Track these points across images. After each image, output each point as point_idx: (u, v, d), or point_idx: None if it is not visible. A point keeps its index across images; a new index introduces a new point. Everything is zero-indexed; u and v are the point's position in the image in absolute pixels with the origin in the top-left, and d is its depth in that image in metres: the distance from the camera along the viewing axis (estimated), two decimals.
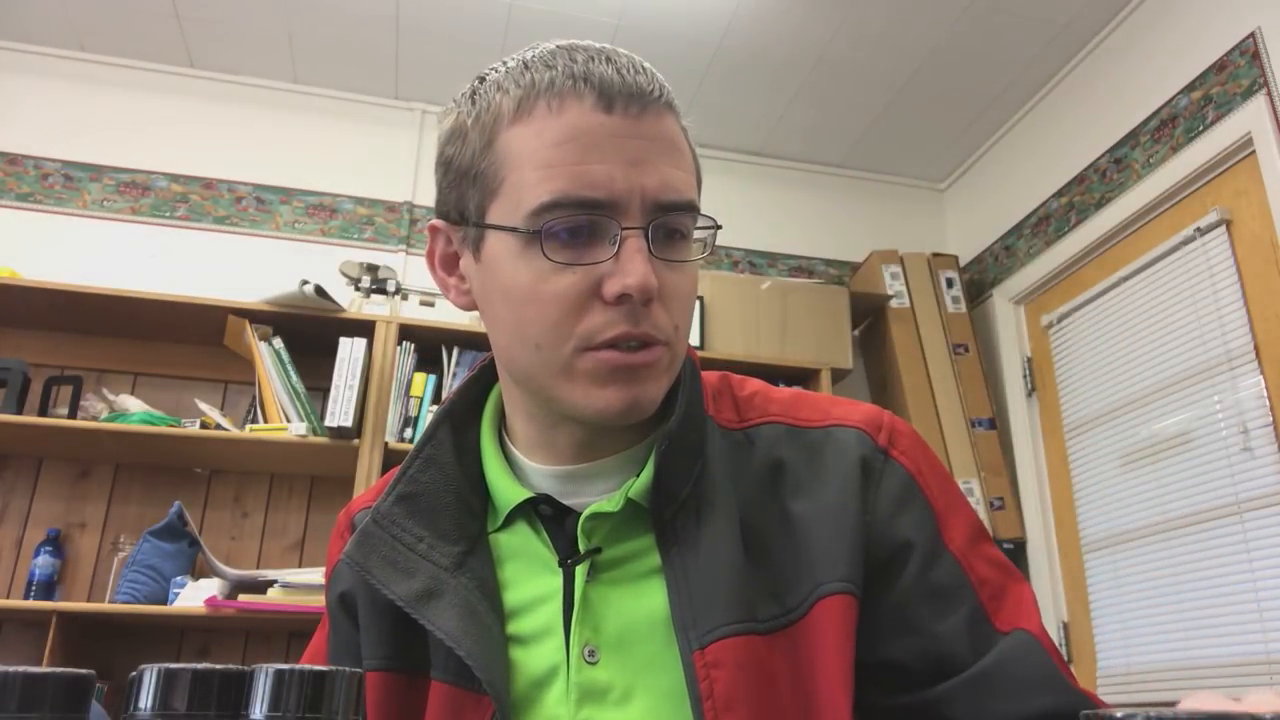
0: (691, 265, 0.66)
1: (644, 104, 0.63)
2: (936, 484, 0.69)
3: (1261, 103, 2.24)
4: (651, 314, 0.62)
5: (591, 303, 0.61)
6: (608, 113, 0.62)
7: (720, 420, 0.72)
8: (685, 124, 0.68)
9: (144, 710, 0.30)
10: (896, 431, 0.70)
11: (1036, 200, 3.05)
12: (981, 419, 3.00)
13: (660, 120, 0.64)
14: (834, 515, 0.65)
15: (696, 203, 0.65)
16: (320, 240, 3.00)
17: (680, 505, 0.66)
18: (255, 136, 3.07)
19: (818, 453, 0.69)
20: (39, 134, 2.90)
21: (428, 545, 0.67)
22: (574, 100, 0.62)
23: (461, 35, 2.89)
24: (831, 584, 0.63)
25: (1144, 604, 2.48)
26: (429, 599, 0.64)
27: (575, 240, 0.61)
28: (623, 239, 0.61)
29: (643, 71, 0.64)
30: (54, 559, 2.41)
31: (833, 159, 3.49)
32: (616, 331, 0.61)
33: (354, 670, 0.32)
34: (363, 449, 2.41)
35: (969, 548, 0.67)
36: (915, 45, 2.89)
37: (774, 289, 2.94)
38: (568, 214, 0.60)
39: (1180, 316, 2.45)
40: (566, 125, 0.61)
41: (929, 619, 0.63)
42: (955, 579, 0.65)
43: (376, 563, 0.66)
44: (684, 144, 0.66)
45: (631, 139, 0.62)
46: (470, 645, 0.62)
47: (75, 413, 2.43)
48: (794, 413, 0.72)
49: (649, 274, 0.60)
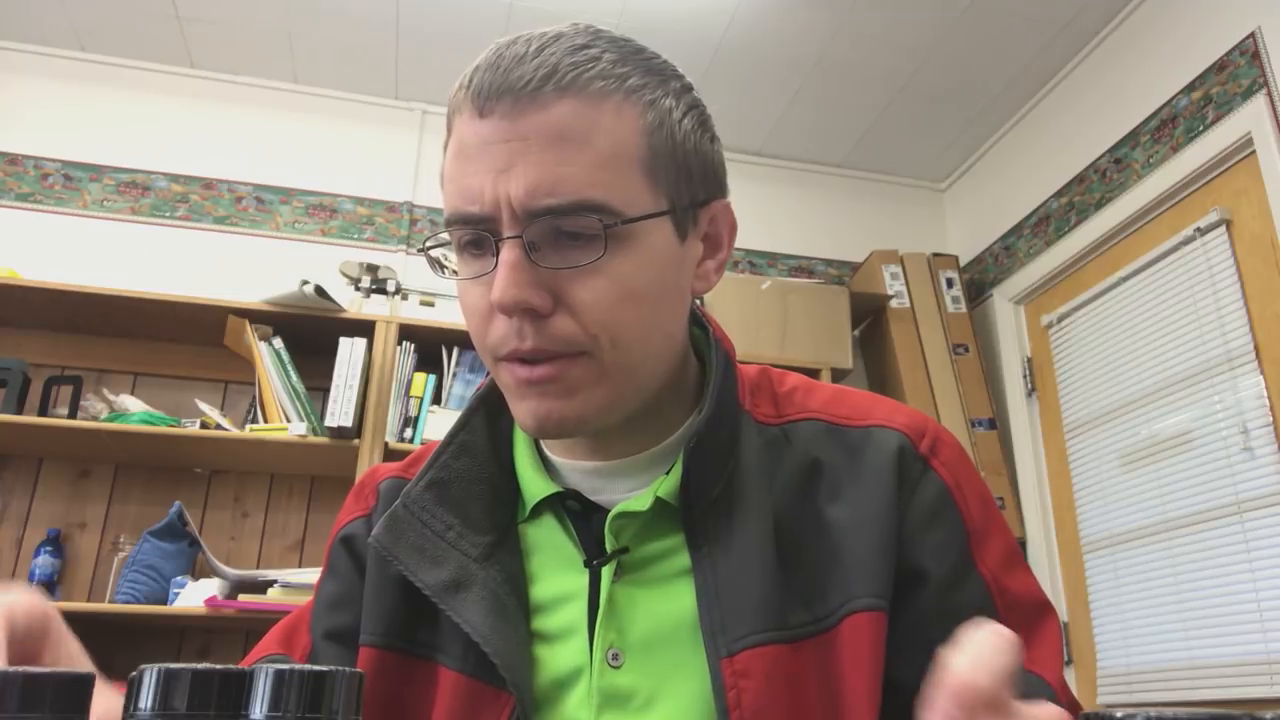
0: (612, 265, 0.59)
1: (517, 99, 0.58)
2: (975, 501, 0.66)
3: (1261, 103, 2.24)
4: (549, 325, 0.59)
5: (495, 316, 0.60)
6: (482, 118, 0.59)
7: (757, 416, 0.69)
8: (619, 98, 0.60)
9: (144, 710, 0.30)
10: (940, 441, 0.67)
11: (1036, 200, 3.05)
12: (981, 419, 3.00)
13: (543, 112, 0.58)
14: (869, 524, 0.63)
15: (589, 200, 0.57)
16: (320, 240, 3.00)
17: (711, 504, 0.64)
18: (255, 136, 3.07)
19: (857, 454, 0.66)
20: (39, 134, 2.90)
21: (456, 534, 0.66)
22: (461, 113, 0.61)
23: (461, 35, 2.89)
24: (863, 599, 0.61)
25: (1144, 604, 2.48)
26: (457, 590, 0.63)
27: (478, 254, 0.61)
28: (498, 250, 0.59)
29: (534, 57, 0.59)
30: (54, 559, 2.41)
31: (833, 159, 3.49)
32: (508, 348, 0.60)
33: (354, 670, 0.32)
34: (363, 449, 2.41)
35: (1001, 572, 0.64)
36: (915, 45, 2.89)
37: (774, 289, 2.94)
38: (457, 230, 0.61)
39: (1180, 316, 2.45)
40: (456, 139, 0.62)
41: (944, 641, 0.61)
42: (981, 603, 0.62)
43: (405, 549, 0.65)
44: (586, 130, 0.58)
45: (500, 143, 0.58)
46: (498, 643, 0.61)
47: (75, 413, 2.44)
48: (834, 410, 0.69)
49: (508, 287, 0.57)
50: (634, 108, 0.61)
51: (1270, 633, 2.12)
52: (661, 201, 0.62)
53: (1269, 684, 2.10)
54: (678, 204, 0.63)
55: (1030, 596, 0.64)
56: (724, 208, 0.68)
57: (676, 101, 0.64)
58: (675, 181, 0.63)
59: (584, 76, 0.59)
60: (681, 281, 0.65)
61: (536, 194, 0.57)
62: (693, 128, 0.65)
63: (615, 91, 0.60)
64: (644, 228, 0.60)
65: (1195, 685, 2.29)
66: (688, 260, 0.66)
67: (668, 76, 0.65)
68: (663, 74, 0.64)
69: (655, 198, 0.61)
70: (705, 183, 0.66)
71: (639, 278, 0.60)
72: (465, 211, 0.60)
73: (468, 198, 0.59)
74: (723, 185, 0.68)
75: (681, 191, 0.63)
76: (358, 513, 0.74)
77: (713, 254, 0.69)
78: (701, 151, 0.65)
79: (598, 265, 0.59)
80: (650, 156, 0.61)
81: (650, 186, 0.61)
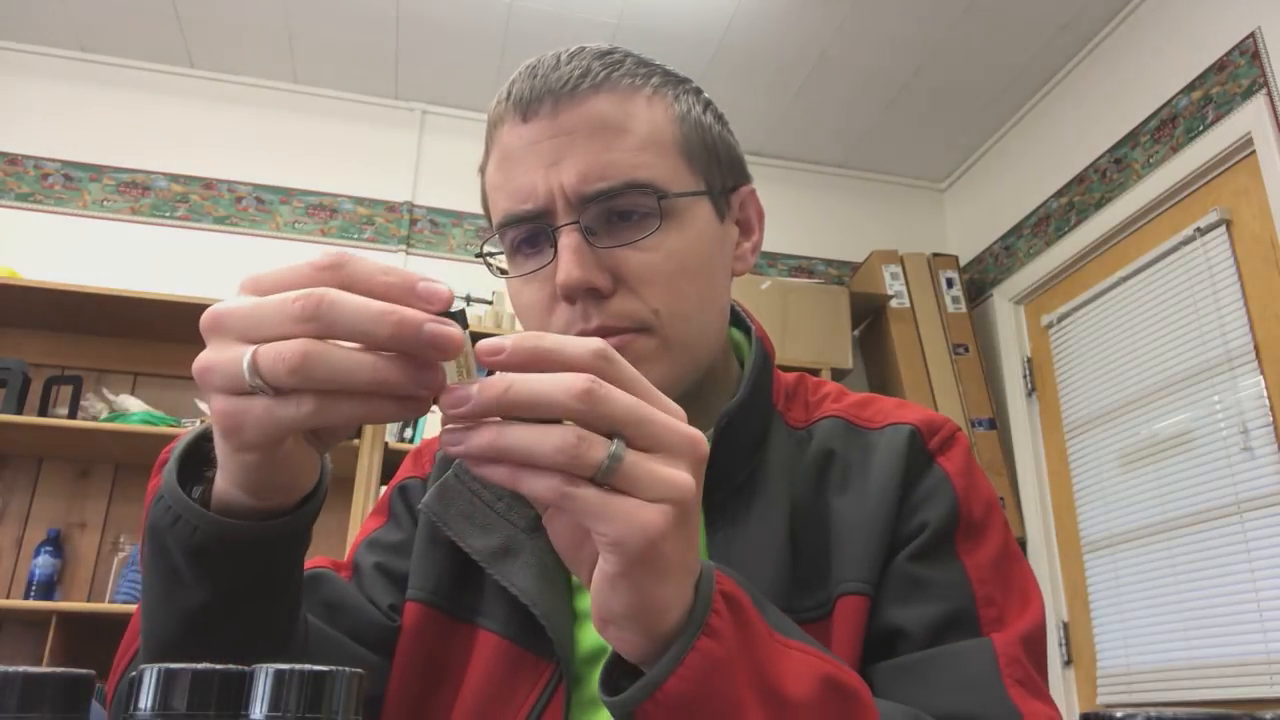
0: (666, 240, 0.63)
1: (558, 99, 0.63)
2: (978, 502, 0.66)
3: (1261, 103, 2.24)
4: (611, 304, 0.62)
5: (556, 306, 0.63)
6: (525, 123, 0.64)
7: (789, 419, 0.72)
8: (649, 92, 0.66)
9: (144, 710, 0.30)
10: (952, 441, 0.68)
11: (1036, 200, 3.05)
12: (981, 419, 3.01)
13: (583, 106, 0.63)
14: (870, 513, 0.64)
15: (637, 179, 0.62)
16: (320, 240, 3.00)
17: (735, 491, 0.66)
18: (255, 136, 3.07)
19: (871, 450, 0.68)
20: (39, 134, 2.90)
21: (506, 505, 0.67)
22: (502, 124, 0.66)
23: (461, 35, 2.89)
24: (852, 583, 0.62)
25: (1144, 604, 2.48)
26: (505, 556, 0.64)
27: (531, 252, 0.65)
28: (557, 239, 0.62)
29: (567, 63, 0.64)
30: (54, 559, 2.41)
31: (833, 159, 3.49)
32: (574, 331, 0.62)
33: (354, 671, 0.32)
34: (363, 449, 2.41)
35: (990, 571, 0.63)
36: (916, 44, 2.89)
37: (774, 289, 2.95)
38: (510, 232, 0.65)
39: (1180, 316, 2.45)
40: (500, 149, 0.66)
41: (895, 599, 0.62)
42: (956, 590, 0.62)
43: (454, 516, 0.66)
44: (625, 119, 0.64)
45: (547, 140, 0.62)
46: (546, 606, 0.62)
47: (75, 413, 2.44)
48: (857, 412, 0.71)
49: (572, 269, 0.60)
50: (663, 100, 0.66)
51: (1270, 633, 2.12)
52: (699, 183, 0.66)
53: (1269, 684, 2.10)
54: (713, 187, 0.68)
55: (1018, 595, 0.64)
56: (750, 193, 0.73)
57: (696, 98, 0.70)
58: (708, 165, 0.67)
59: (614, 75, 0.65)
60: (725, 260, 0.70)
61: (589, 179, 0.61)
62: (713, 120, 0.70)
63: (643, 87, 0.66)
64: (690, 205, 0.65)
65: (1195, 685, 2.29)
66: (728, 240, 0.70)
67: (682, 79, 0.70)
68: (678, 77, 0.70)
69: (694, 179, 0.66)
70: (733, 168, 0.70)
71: (691, 252, 0.65)
72: (518, 211, 0.63)
73: (519, 198, 0.63)
74: (746, 172, 0.73)
75: (715, 175, 0.68)
76: (415, 474, 0.77)
77: (747, 237, 0.73)
78: (725, 140, 0.70)
79: (652, 241, 0.63)
80: (684, 141, 0.66)
81: (689, 168, 0.66)
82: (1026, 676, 0.58)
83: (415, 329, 0.39)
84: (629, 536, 0.39)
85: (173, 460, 0.49)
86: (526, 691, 0.62)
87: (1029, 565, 0.67)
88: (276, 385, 0.39)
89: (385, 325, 0.39)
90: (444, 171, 3.13)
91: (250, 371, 0.39)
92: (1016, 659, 0.58)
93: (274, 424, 0.40)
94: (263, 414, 0.40)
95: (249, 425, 0.41)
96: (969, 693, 0.57)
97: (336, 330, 0.39)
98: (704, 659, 0.41)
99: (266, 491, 0.46)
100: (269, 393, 0.40)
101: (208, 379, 0.41)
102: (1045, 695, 0.59)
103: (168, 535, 0.47)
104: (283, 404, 0.40)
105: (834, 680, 0.46)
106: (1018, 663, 0.58)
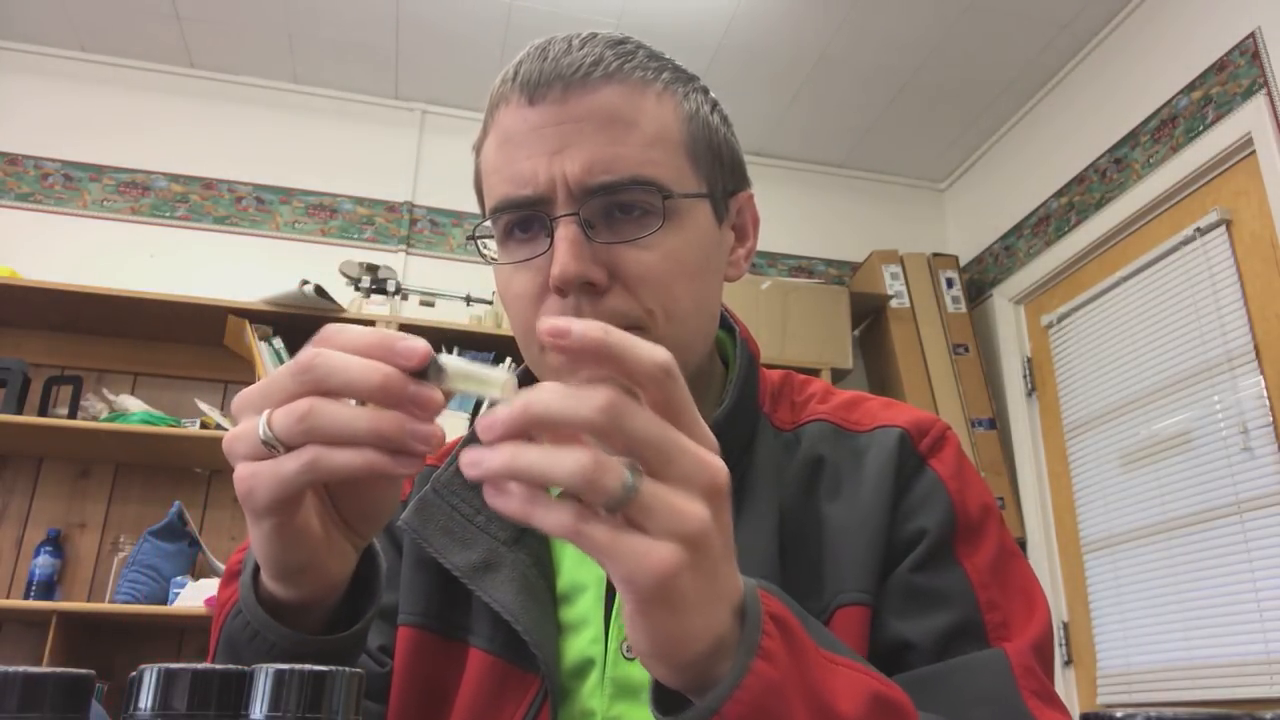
0: (666, 240, 0.61)
1: (568, 85, 0.61)
2: (974, 502, 0.65)
3: (1261, 103, 2.24)
4: (605, 301, 0.60)
5: (547, 297, 0.61)
6: (531, 106, 0.62)
7: (775, 421, 0.70)
8: (659, 87, 0.64)
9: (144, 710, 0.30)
10: (942, 442, 0.68)
11: (1036, 200, 3.05)
12: (981, 419, 3.00)
13: (593, 95, 0.61)
14: (863, 520, 0.63)
15: (643, 176, 0.60)
16: (320, 240, 3.00)
17: None
18: (255, 136, 3.07)
19: (861, 455, 0.67)
20: (39, 134, 2.90)
21: (485, 518, 0.66)
22: (506, 104, 0.64)
23: (461, 36, 2.89)
24: (851, 593, 0.62)
25: (1144, 604, 2.48)
26: (486, 571, 0.64)
27: (525, 238, 0.63)
28: (554, 229, 0.60)
29: (580, 49, 0.62)
30: (54, 559, 2.41)
31: (833, 159, 3.49)
32: None
33: (354, 671, 0.32)
34: None
35: (989, 572, 0.63)
36: (915, 44, 2.89)
37: (774, 289, 2.94)
38: (507, 215, 0.63)
39: (1180, 316, 2.45)
40: (500, 129, 0.64)
41: (900, 611, 0.61)
42: (959, 594, 0.61)
43: (434, 532, 0.66)
44: (634, 113, 0.62)
45: (552, 126, 0.61)
46: (528, 621, 0.61)
47: (75, 413, 2.44)
48: (844, 414, 0.70)
49: (569, 261, 0.58)
50: (673, 97, 0.65)
51: (1270, 633, 2.12)
52: (702, 184, 0.65)
53: (1269, 684, 2.10)
54: (715, 189, 0.66)
55: (1022, 596, 0.63)
56: (748, 199, 0.72)
57: (704, 97, 0.68)
58: (711, 168, 0.66)
59: (626, 66, 0.63)
60: (720, 265, 0.68)
61: (593, 171, 0.60)
62: (719, 122, 0.69)
63: (654, 81, 0.64)
64: (691, 206, 0.63)
65: (1195, 685, 2.29)
66: (724, 245, 0.69)
67: (691, 77, 0.69)
68: (687, 75, 0.69)
69: (697, 180, 0.65)
70: (734, 173, 0.69)
71: (688, 254, 0.63)
72: (516, 196, 0.61)
73: (518, 182, 0.61)
74: (746, 178, 0.72)
75: (716, 178, 0.67)
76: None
77: (741, 243, 0.72)
78: (729, 143, 0.69)
79: (652, 240, 0.61)
80: (690, 142, 0.65)
81: (693, 169, 0.65)
82: (1041, 687, 0.58)
83: (401, 381, 0.42)
84: (638, 576, 0.38)
85: (247, 573, 0.51)
86: (514, 708, 0.62)
87: (1028, 563, 0.67)
88: (288, 440, 0.42)
89: (374, 375, 0.42)
90: (444, 172, 3.13)
91: (264, 429, 0.43)
92: (1030, 669, 0.58)
93: (279, 481, 0.43)
94: (270, 472, 0.43)
95: (259, 486, 0.44)
96: (987, 706, 0.56)
97: (331, 383, 0.42)
98: (760, 681, 0.41)
99: (289, 572, 0.48)
100: (281, 450, 0.43)
101: (234, 448, 0.45)
102: (1059, 704, 0.58)
103: (245, 649, 0.50)
104: (287, 459, 0.43)
105: (883, 697, 0.46)
106: (1032, 673, 0.58)
